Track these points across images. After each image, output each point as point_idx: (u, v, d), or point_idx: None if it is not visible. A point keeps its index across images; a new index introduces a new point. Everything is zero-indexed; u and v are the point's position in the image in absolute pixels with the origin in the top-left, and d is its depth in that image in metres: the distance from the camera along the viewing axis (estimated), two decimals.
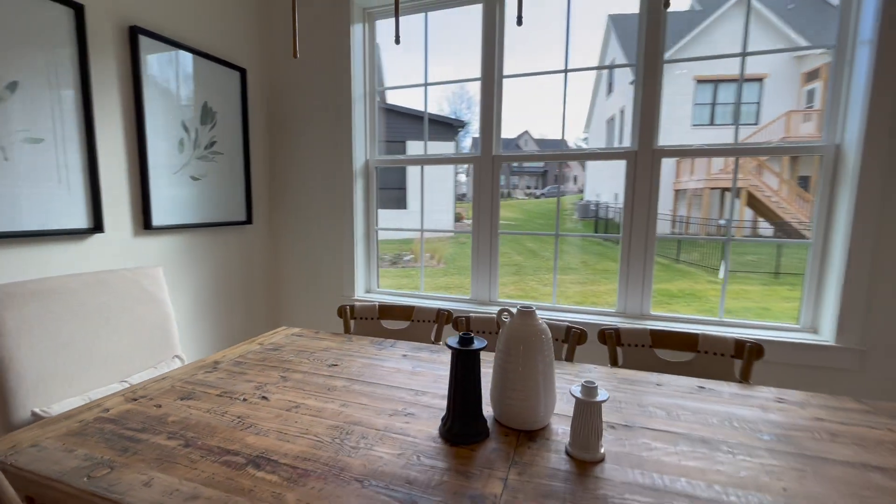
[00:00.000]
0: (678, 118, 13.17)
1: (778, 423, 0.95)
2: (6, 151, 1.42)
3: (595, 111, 19.60)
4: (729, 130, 12.09)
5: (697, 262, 9.86)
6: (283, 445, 0.85)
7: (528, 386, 0.91)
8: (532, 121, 38.14)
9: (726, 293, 2.01)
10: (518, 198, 35.33)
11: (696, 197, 12.63)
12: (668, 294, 8.14)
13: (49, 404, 1.15)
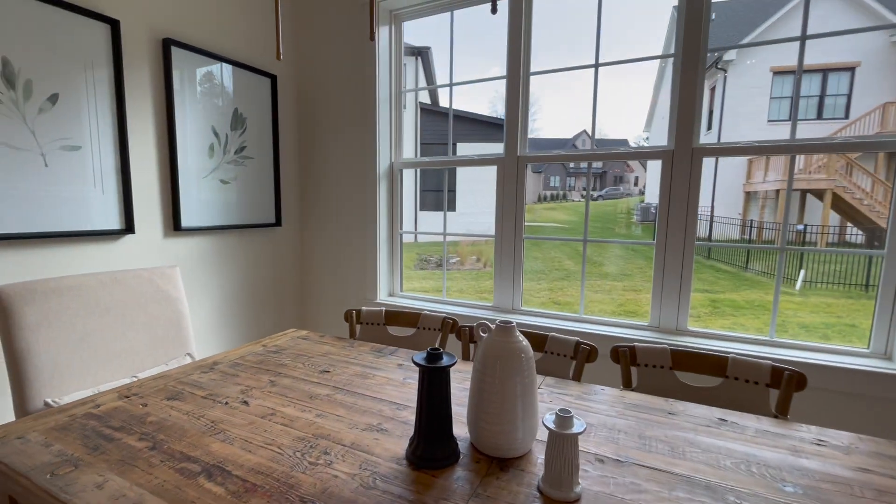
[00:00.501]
0: (750, 113, 12.13)
1: (809, 472, 0.80)
2: (47, 158, 1.54)
3: (658, 108, 18.61)
4: (812, 126, 10.96)
5: (768, 271, 9.01)
6: (243, 455, 0.83)
7: (504, 409, 0.82)
8: (591, 119, 37.06)
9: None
10: (574, 200, 34.23)
11: (769, 200, 11.56)
12: (733, 305, 7.52)
13: (62, 396, 1.22)
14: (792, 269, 8.59)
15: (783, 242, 1.76)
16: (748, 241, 11.78)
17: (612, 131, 34.78)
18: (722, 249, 10.24)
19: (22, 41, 1.46)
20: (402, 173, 2.49)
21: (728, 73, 12.27)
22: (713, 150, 1.76)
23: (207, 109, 2.06)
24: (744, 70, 12.27)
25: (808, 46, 1.78)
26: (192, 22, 1.97)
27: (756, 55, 12.05)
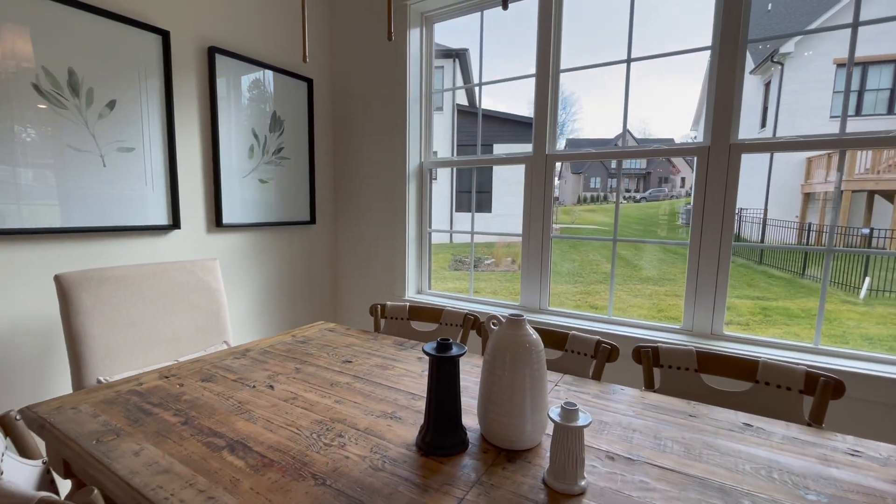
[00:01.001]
0: (810, 109, 11.36)
1: (837, 481, 0.75)
2: (105, 159, 1.68)
3: (706, 105, 17.82)
4: (882, 122, 10.13)
5: (828, 277, 8.35)
6: (264, 433, 0.88)
7: (513, 401, 0.83)
8: (622, 116, 35.74)
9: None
10: (615, 201, 33.14)
11: (830, 201, 10.76)
12: (786, 313, 7.08)
13: (112, 374, 1.33)
14: (856, 277, 7.97)
15: (830, 243, 1.65)
16: (806, 245, 11.01)
17: (657, 130, 33.51)
18: (776, 255, 9.63)
19: (85, 53, 1.60)
20: (431, 172, 2.53)
21: (785, 67, 11.54)
22: (752, 145, 1.68)
23: (248, 113, 2.18)
24: (802, 63, 11.51)
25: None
26: (234, 30, 2.09)
27: (815, 47, 11.28)
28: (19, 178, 1.48)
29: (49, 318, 1.58)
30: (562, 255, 12.25)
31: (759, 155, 12.01)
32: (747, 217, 11.99)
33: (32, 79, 1.49)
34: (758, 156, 12.04)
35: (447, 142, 11.60)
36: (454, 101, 12.17)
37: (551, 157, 2.09)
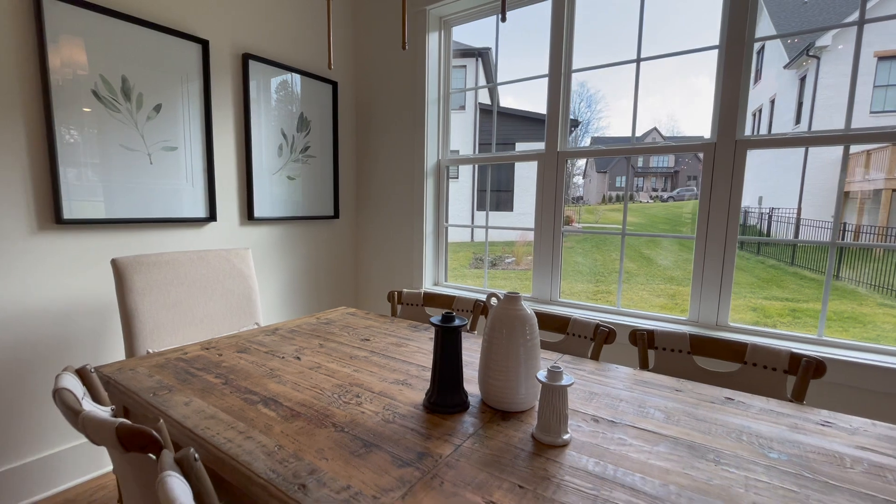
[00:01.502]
0: (847, 104, 10.91)
1: (802, 444, 0.83)
2: (151, 157, 1.87)
3: (738, 101, 17.33)
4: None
5: (864, 280, 8.09)
6: (292, 393, 1.01)
7: (508, 368, 0.93)
8: (667, 115, 34.92)
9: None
10: (641, 201, 32.51)
11: (868, 200, 10.36)
12: (816, 315, 6.89)
13: (159, 347, 1.50)
14: (894, 279, 7.67)
15: (834, 237, 1.68)
16: (840, 248, 10.59)
17: (686, 128, 32.59)
18: (808, 256, 9.34)
19: (136, 61, 1.79)
20: (447, 170, 2.64)
21: (822, 60, 11.14)
22: (758, 141, 1.73)
23: (278, 114, 2.35)
24: (839, 56, 11.09)
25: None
26: (265, 38, 2.26)
27: (853, 39, 10.85)
28: (81, 175, 1.67)
29: (104, 298, 1.77)
30: (584, 254, 12.16)
31: (792, 154, 11.62)
32: (778, 217, 11.64)
33: (92, 86, 1.68)
34: (792, 155, 11.66)
35: (469, 140, 11.69)
36: (476, 101, 12.24)
37: (563, 154, 2.18)
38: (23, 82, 1.53)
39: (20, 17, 1.51)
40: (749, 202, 14.54)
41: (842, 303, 7.32)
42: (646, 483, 0.70)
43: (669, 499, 0.66)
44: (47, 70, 1.56)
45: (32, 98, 1.56)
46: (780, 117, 13.21)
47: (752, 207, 13.89)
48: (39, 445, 1.66)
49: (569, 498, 0.66)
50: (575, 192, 31.86)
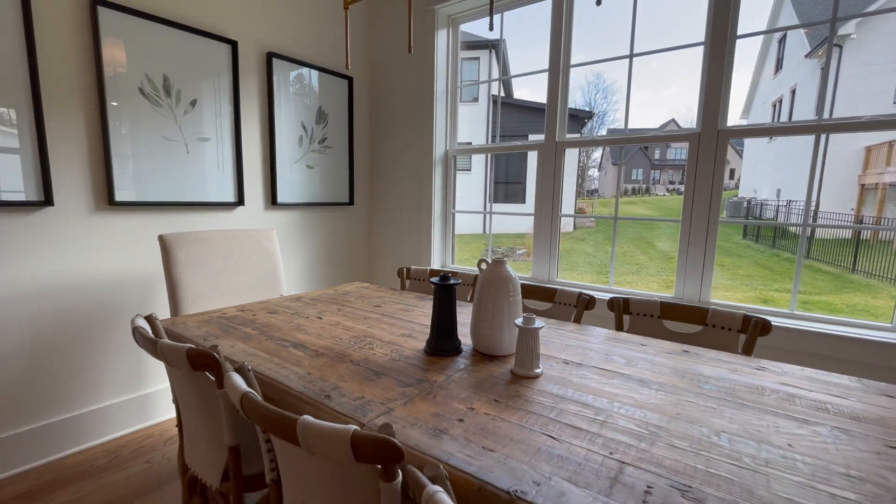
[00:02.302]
0: (872, 94, 10.72)
1: (733, 381, 1.00)
2: (188, 147, 2.09)
3: (757, 93, 17.07)
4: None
5: (882, 273, 8.02)
6: (316, 341, 1.23)
7: (494, 319, 1.12)
8: (685, 106, 34.12)
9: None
10: (658, 194, 32.00)
11: (889, 192, 10.18)
12: (828, 308, 6.92)
13: (199, 310, 1.73)
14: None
15: (805, 219, 1.82)
16: (857, 241, 10.46)
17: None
18: (825, 250, 9.28)
19: (175, 61, 2.01)
20: (455, 159, 2.82)
21: (844, 49, 10.92)
22: (738, 131, 1.87)
23: (298, 107, 2.55)
24: (862, 46, 10.85)
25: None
26: (287, 37, 2.46)
27: (877, 28, 10.63)
28: (129, 163, 1.90)
29: (148, 270, 2.01)
30: (596, 245, 12.22)
31: (812, 146, 11.43)
32: (797, 209, 11.50)
33: (138, 83, 1.90)
34: (811, 149, 11.47)
35: (483, 131, 11.79)
36: (489, 93, 12.32)
37: (560, 144, 2.34)
38: (82, 82, 1.76)
39: (79, 23, 1.74)
40: (767, 195, 14.35)
41: (856, 295, 7.31)
42: (595, 401, 0.89)
43: (612, 410, 0.85)
44: (102, 71, 1.79)
45: (90, 95, 1.79)
46: (800, 107, 12.98)
47: (769, 200, 13.72)
48: (96, 398, 1.92)
49: (532, 408, 0.86)
50: (590, 184, 31.47)
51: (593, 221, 14.75)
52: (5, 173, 1.60)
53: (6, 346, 1.67)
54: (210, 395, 0.99)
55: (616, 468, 0.66)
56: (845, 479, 0.65)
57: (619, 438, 0.75)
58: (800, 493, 0.61)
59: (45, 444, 1.78)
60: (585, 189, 28.12)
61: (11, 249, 1.65)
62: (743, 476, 0.65)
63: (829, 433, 0.78)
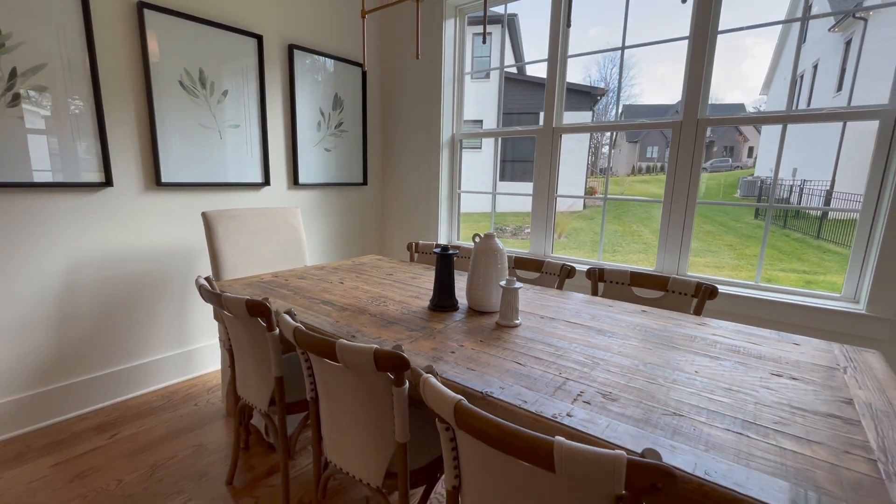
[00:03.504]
0: (889, 70, 10.44)
1: (673, 331, 1.26)
2: (221, 133, 2.35)
3: (779, 68, 16.62)
4: None
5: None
6: (339, 299, 1.50)
7: (484, 282, 1.38)
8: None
9: None
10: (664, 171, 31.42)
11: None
12: (830, 287, 7.04)
13: (237, 277, 2.02)
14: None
15: (771, 200, 2.02)
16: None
17: (726, 95, 31.03)
18: (836, 230, 9.31)
19: (209, 55, 2.24)
20: (461, 143, 3.04)
21: (869, 22, 10.61)
22: (714, 120, 2.06)
23: (316, 95, 2.78)
24: (887, 18, 10.54)
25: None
26: (307, 30, 2.67)
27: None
28: (172, 148, 2.17)
29: (190, 242, 2.30)
30: (606, 226, 12.33)
31: (832, 127, 11.23)
32: (810, 190, 11.42)
33: (178, 77, 2.15)
34: (831, 128, 11.27)
35: (492, 111, 11.81)
36: (501, 71, 12.29)
37: (557, 130, 2.54)
38: (132, 77, 2.02)
39: (128, 24, 1.98)
40: (784, 174, 14.19)
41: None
42: (558, 342, 1.15)
43: (569, 349, 1.11)
44: (148, 66, 2.04)
45: (138, 88, 2.04)
46: (821, 84, 12.69)
47: (784, 179, 13.58)
48: (150, 352, 2.24)
49: (507, 346, 1.12)
50: (603, 162, 31.03)
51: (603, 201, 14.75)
52: (77, 159, 1.88)
53: (80, 307, 1.99)
54: (261, 337, 1.28)
55: (561, 382, 0.93)
56: (726, 392, 0.90)
57: (568, 366, 1.01)
58: (687, 397, 0.87)
59: (112, 387, 2.12)
60: (598, 167, 27.80)
61: (82, 224, 1.94)
62: (651, 388, 0.91)
63: (731, 365, 1.03)
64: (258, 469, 1.68)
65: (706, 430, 0.76)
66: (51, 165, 1.82)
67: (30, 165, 1.77)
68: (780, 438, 0.74)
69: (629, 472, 0.54)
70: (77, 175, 1.89)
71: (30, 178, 1.78)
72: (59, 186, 1.85)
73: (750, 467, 0.66)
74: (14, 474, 1.63)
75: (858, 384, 0.95)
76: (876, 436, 0.75)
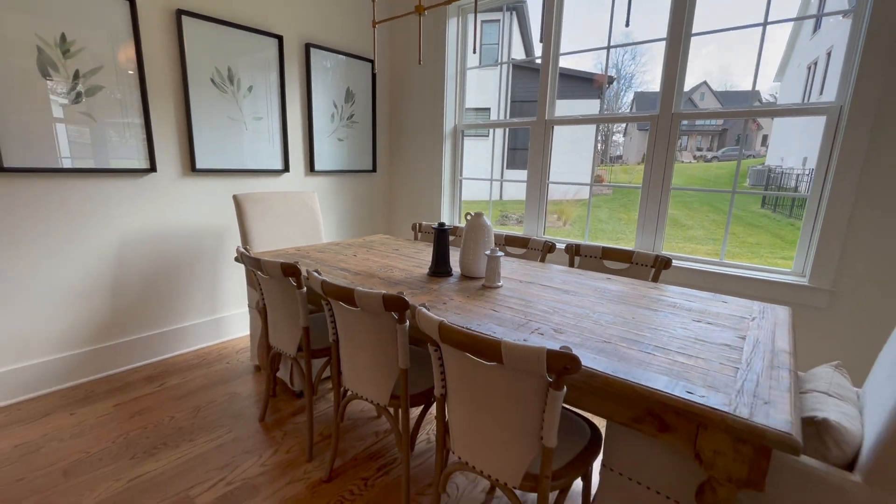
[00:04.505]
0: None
1: (627, 293, 1.53)
2: (247, 125, 2.63)
3: (794, 54, 16.42)
4: None
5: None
6: (354, 268, 1.80)
7: (473, 252, 1.66)
8: (719, 67, 32.61)
9: None
10: (683, 161, 31.16)
11: None
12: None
13: (265, 250, 2.32)
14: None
15: (734, 187, 2.27)
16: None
17: (740, 81, 30.52)
18: None
19: (236, 55, 2.52)
20: (462, 133, 3.29)
21: None
22: (688, 115, 2.30)
23: (330, 88, 3.05)
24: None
25: None
26: (321, 29, 2.92)
27: None
28: (205, 137, 2.46)
29: (219, 223, 2.61)
30: (610, 212, 12.49)
31: None
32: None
33: (210, 75, 2.43)
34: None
35: (496, 100, 11.95)
36: (509, 59, 12.37)
37: (549, 122, 2.79)
38: (172, 75, 2.30)
39: (169, 29, 2.26)
40: (794, 163, 14.16)
41: None
42: (530, 298, 1.44)
43: (537, 303, 1.40)
44: (185, 65, 2.32)
45: (177, 86, 2.33)
46: (834, 70, 12.59)
47: (793, 168, 13.58)
48: (187, 318, 2.57)
49: (488, 300, 1.41)
50: (614, 150, 30.87)
51: (610, 189, 14.90)
52: (128, 149, 2.18)
53: (131, 277, 2.31)
54: (291, 294, 1.58)
55: (524, 322, 1.21)
56: (650, 330, 1.18)
57: (533, 313, 1.30)
58: (618, 332, 1.15)
59: (156, 347, 2.45)
60: (609, 156, 27.66)
61: (131, 205, 2.25)
62: (593, 327, 1.19)
63: (664, 315, 1.31)
64: (284, 411, 2.01)
65: (624, 350, 1.05)
66: (107, 154, 2.13)
67: (92, 153, 2.08)
68: (677, 356, 1.02)
69: (548, 358, 0.83)
70: (128, 162, 2.19)
71: (90, 165, 2.08)
72: (114, 172, 2.15)
73: (646, 371, 0.95)
74: (85, 411, 1.97)
75: (758, 327, 1.22)
76: (748, 356, 1.03)
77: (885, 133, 1.76)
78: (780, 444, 0.73)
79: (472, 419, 1.04)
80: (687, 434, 0.88)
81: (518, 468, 0.99)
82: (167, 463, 1.65)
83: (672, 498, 1.03)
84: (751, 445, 0.80)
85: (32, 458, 1.66)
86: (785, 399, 0.84)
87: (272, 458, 1.69)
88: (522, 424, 0.95)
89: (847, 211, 1.86)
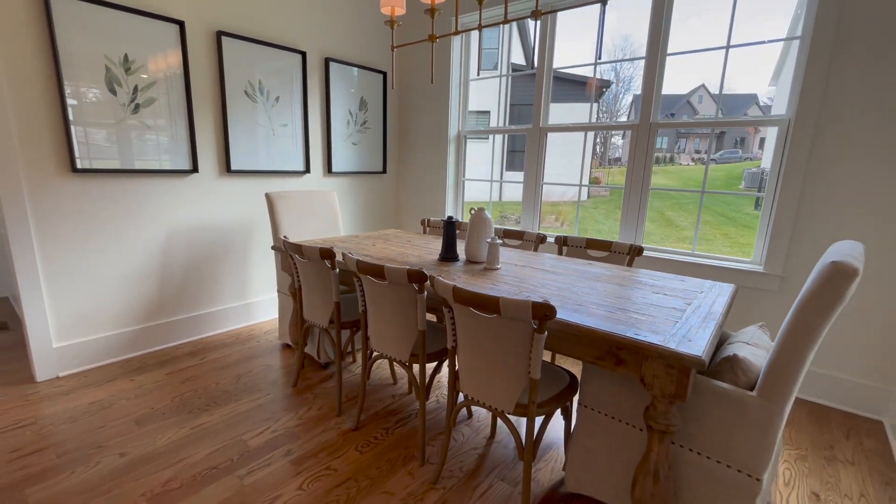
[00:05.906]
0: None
1: (602, 275, 1.86)
2: (274, 131, 2.96)
3: (789, 57, 16.76)
4: None
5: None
6: (374, 254, 2.12)
7: (477, 241, 1.99)
8: (717, 71, 33.10)
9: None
10: (682, 164, 31.56)
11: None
12: None
13: None
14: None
15: (704, 186, 2.60)
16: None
17: (738, 85, 30.91)
18: None
19: (266, 69, 2.84)
20: (465, 138, 3.62)
21: None
22: (664, 124, 2.63)
23: (346, 97, 3.38)
24: None
25: None
26: (338, 44, 3.25)
27: None
28: (238, 142, 2.78)
29: (249, 219, 2.93)
30: (607, 214, 12.81)
31: None
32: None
33: (244, 88, 2.76)
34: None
35: (496, 105, 12.28)
36: (509, 66, 12.72)
37: (543, 129, 3.12)
38: (212, 88, 2.63)
39: (210, 48, 2.59)
40: None
41: None
42: (522, 276, 1.76)
43: (528, 279, 1.72)
44: (224, 80, 2.65)
45: (216, 98, 2.66)
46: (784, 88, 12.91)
47: None
48: (219, 302, 2.89)
49: (489, 277, 1.73)
50: (613, 153, 31.21)
51: (607, 191, 15.26)
52: (176, 152, 2.50)
53: (174, 266, 2.63)
54: (325, 274, 1.90)
55: (518, 293, 1.54)
56: (616, 298, 1.51)
57: (525, 286, 1.62)
58: (591, 299, 1.48)
59: (195, 327, 2.78)
60: (607, 158, 28.00)
61: (177, 201, 2.58)
62: (571, 295, 1.52)
63: (630, 288, 1.63)
64: (313, 380, 2.33)
65: (592, 310, 1.37)
66: (158, 157, 2.45)
67: (146, 156, 2.40)
68: (633, 314, 1.35)
69: (533, 308, 1.16)
70: (176, 164, 2.52)
71: (145, 167, 2.41)
72: (163, 173, 2.48)
73: (606, 322, 1.27)
74: (142, 378, 2.30)
75: (704, 297, 1.55)
76: (688, 315, 1.36)
77: (822, 143, 2.09)
78: (693, 362, 1.06)
79: (477, 363, 1.36)
80: (635, 365, 1.20)
81: (512, 398, 1.32)
82: (219, 416, 1.97)
83: (629, 423, 1.35)
84: (676, 369, 1.12)
85: (107, 413, 1.98)
86: (704, 339, 1.16)
87: (307, 413, 2.02)
88: (515, 363, 1.28)
89: (794, 207, 2.19)
